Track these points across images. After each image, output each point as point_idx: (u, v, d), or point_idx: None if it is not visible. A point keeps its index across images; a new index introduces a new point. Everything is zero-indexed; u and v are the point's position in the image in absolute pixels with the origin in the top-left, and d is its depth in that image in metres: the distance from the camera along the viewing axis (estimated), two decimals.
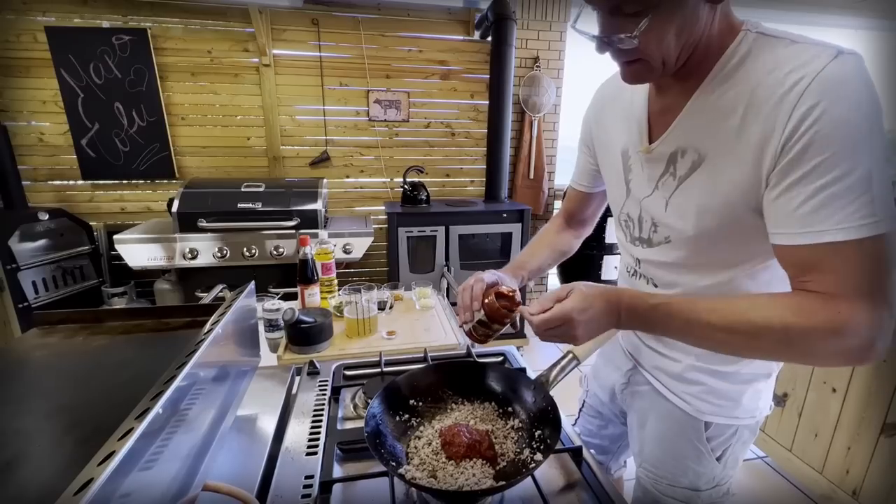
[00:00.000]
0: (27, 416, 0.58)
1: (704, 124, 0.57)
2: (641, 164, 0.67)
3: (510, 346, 1.09)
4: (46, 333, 0.81)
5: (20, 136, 2.48)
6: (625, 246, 0.76)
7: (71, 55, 2.40)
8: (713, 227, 0.59)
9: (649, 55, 0.54)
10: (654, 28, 0.51)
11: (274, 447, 0.75)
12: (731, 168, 0.55)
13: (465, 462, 0.63)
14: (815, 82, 0.47)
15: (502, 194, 2.94)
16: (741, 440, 0.75)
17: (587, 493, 0.66)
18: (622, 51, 0.55)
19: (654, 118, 0.65)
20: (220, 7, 2.53)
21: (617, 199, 0.75)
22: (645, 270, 0.73)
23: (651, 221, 0.67)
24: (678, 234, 0.64)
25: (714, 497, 0.77)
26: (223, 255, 2.23)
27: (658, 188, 0.65)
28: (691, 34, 0.53)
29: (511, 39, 2.68)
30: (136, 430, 0.40)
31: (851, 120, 0.46)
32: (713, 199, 0.58)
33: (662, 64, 0.55)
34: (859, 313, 0.47)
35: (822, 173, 0.47)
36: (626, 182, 0.71)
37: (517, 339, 2.86)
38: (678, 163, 0.61)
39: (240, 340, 0.79)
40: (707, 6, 0.53)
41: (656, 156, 0.64)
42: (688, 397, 0.73)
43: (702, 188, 0.59)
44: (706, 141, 0.57)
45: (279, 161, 2.83)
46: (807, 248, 0.49)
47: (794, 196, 0.49)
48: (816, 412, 1.60)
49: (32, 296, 2.19)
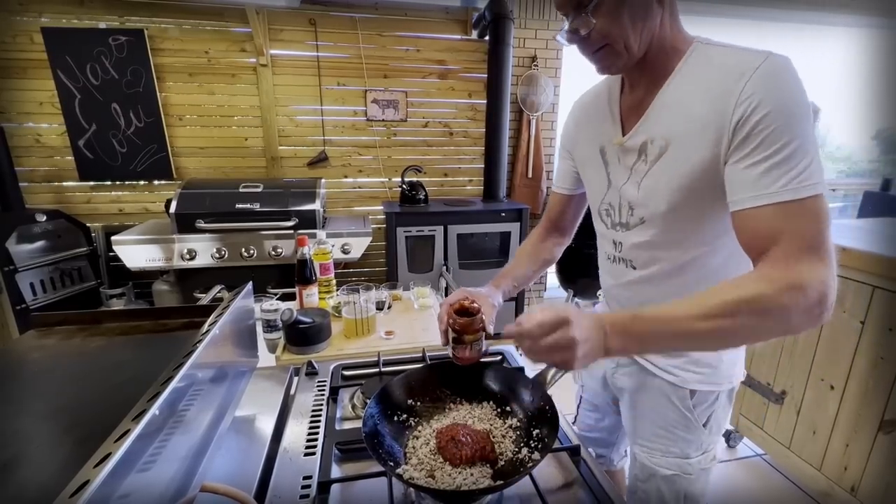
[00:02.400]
0: (25, 417, 0.58)
1: (669, 116, 0.67)
2: (618, 155, 0.76)
3: (509, 346, 1.09)
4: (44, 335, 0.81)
5: (17, 138, 2.47)
6: (605, 235, 0.84)
7: (68, 56, 2.40)
8: (681, 201, 0.68)
9: (610, 37, 0.64)
10: (606, 9, 0.62)
11: (272, 448, 0.75)
12: (693, 150, 0.64)
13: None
14: (755, 77, 0.58)
15: (501, 193, 2.94)
16: (721, 406, 0.83)
17: (585, 492, 0.67)
18: (589, 39, 0.65)
19: (625, 115, 0.76)
20: (217, 7, 2.52)
21: (598, 193, 0.83)
22: (624, 254, 0.80)
23: (628, 205, 0.76)
24: (651, 212, 0.72)
25: (704, 463, 0.84)
26: (221, 255, 2.23)
27: (632, 174, 0.74)
28: (644, 21, 0.64)
29: (509, 39, 2.68)
30: (133, 431, 0.40)
31: (784, 104, 0.57)
32: (679, 178, 0.66)
33: (625, 48, 0.64)
34: (814, 269, 0.55)
35: (766, 147, 0.57)
36: (607, 174, 0.79)
37: None
38: (648, 150, 0.70)
39: (238, 341, 0.79)
40: (655, 1, 0.63)
41: (629, 146, 0.73)
42: (673, 369, 0.80)
43: (669, 169, 0.68)
44: (671, 129, 0.67)
45: (277, 161, 2.83)
46: (759, 211, 0.58)
47: (747, 168, 0.59)
48: (814, 410, 1.60)
49: (30, 297, 2.19)
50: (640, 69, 0.69)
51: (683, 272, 0.73)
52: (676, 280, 0.74)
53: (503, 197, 2.97)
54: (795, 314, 0.54)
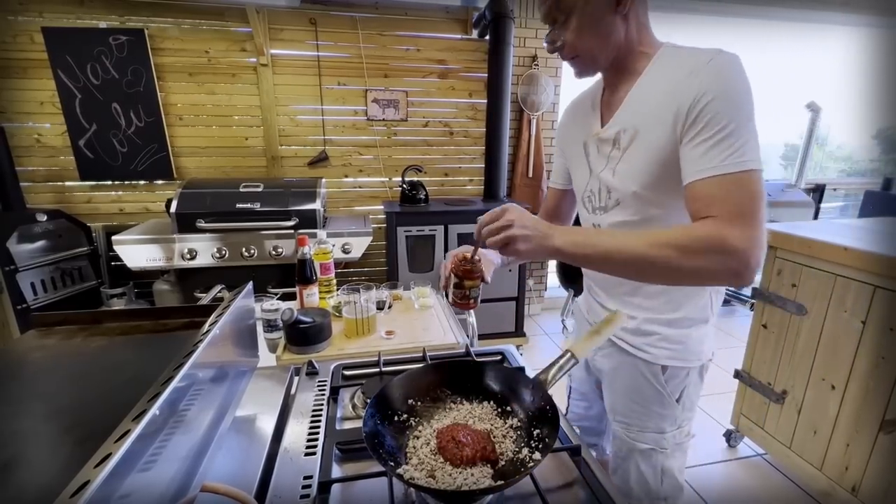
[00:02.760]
0: (25, 417, 0.58)
1: (637, 109, 0.77)
2: (597, 146, 0.86)
3: (509, 346, 1.09)
4: (45, 335, 0.81)
5: (18, 138, 2.48)
6: (586, 220, 0.92)
7: (68, 56, 2.40)
8: (648, 181, 0.76)
9: (578, 50, 0.76)
10: (573, 27, 0.74)
11: (272, 447, 0.75)
12: (656, 136, 0.73)
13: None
14: (704, 70, 0.67)
15: (501, 193, 2.94)
16: (693, 383, 0.90)
17: (585, 492, 0.67)
18: (563, 51, 0.78)
19: (604, 112, 0.86)
20: (217, 7, 2.52)
21: (582, 181, 0.91)
22: None
23: (606, 189, 0.84)
24: (624, 193, 0.80)
25: (678, 438, 0.92)
26: (222, 255, 2.23)
27: (608, 161, 0.83)
28: (609, 36, 0.75)
29: (509, 38, 2.67)
30: (133, 431, 0.40)
31: (727, 92, 0.65)
32: (646, 161, 0.76)
33: (592, 59, 0.77)
34: (735, 230, 0.62)
35: (710, 128, 0.66)
36: (588, 163, 0.88)
37: (516, 339, 2.86)
38: (621, 139, 0.79)
39: (238, 341, 0.79)
40: (618, 18, 0.74)
41: (605, 137, 0.82)
42: (646, 347, 0.88)
43: (637, 154, 0.77)
44: (639, 120, 0.76)
45: (277, 161, 2.83)
46: (702, 183, 0.66)
47: (695, 147, 0.67)
48: (815, 409, 1.60)
49: (31, 297, 2.19)
50: (615, 72, 0.80)
51: None
52: None
53: (504, 196, 2.97)
54: (712, 267, 0.63)
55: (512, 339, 2.84)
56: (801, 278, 1.64)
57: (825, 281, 1.55)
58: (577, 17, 0.73)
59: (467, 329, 1.39)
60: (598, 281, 0.96)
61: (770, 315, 1.77)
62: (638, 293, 0.88)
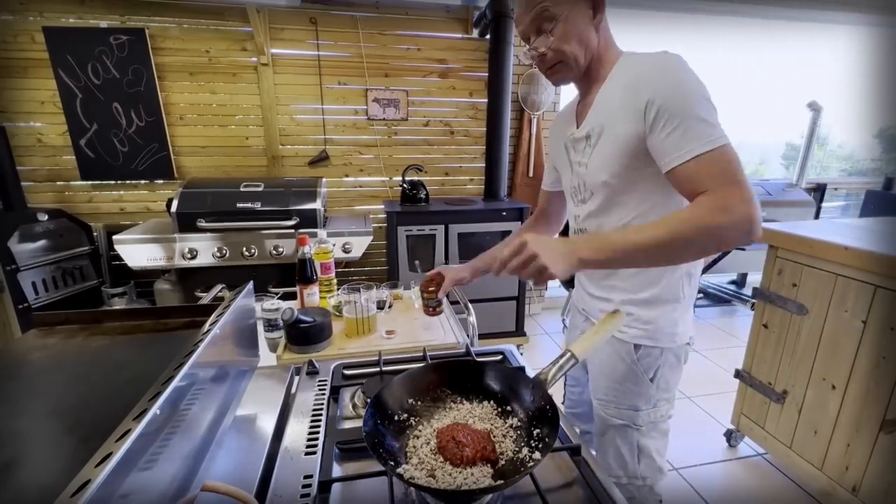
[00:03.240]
0: (26, 416, 0.58)
1: (603, 110, 0.86)
2: (574, 145, 0.95)
3: (510, 345, 1.09)
4: (46, 334, 0.82)
5: (19, 137, 2.48)
6: (572, 212, 1.02)
7: (69, 55, 2.40)
8: (616, 170, 0.85)
9: (564, 54, 0.84)
10: (559, 34, 0.83)
11: (273, 447, 0.75)
12: (619, 130, 0.82)
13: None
14: (651, 72, 0.78)
15: (502, 192, 2.94)
16: (668, 363, 0.95)
17: (585, 491, 0.67)
18: (546, 57, 0.86)
19: (579, 117, 0.95)
20: (217, 6, 2.52)
21: (567, 180, 1.01)
22: (582, 224, 0.98)
23: (583, 182, 0.93)
24: (596, 183, 0.90)
25: (653, 416, 0.97)
26: (222, 254, 2.23)
27: (583, 156, 0.92)
28: (588, 43, 0.85)
29: (509, 37, 2.67)
30: (134, 431, 0.40)
31: (676, 87, 0.75)
32: (612, 153, 0.85)
33: (575, 63, 0.85)
34: (734, 193, 0.70)
35: (672, 121, 0.74)
36: (570, 162, 0.97)
37: (516, 338, 2.86)
38: (591, 136, 0.89)
39: (239, 340, 0.79)
40: (592, 27, 0.84)
41: (579, 137, 0.92)
42: (622, 328, 0.93)
43: (605, 147, 0.86)
44: (605, 118, 0.86)
45: (278, 160, 2.83)
46: (685, 166, 0.74)
47: (666, 138, 0.75)
48: (816, 409, 1.60)
49: (32, 296, 2.19)
50: (585, 79, 0.90)
51: None
52: None
53: (504, 196, 2.96)
54: (728, 230, 0.69)
55: (512, 338, 2.84)
56: (801, 278, 1.64)
57: (826, 281, 1.54)
58: (563, 25, 0.82)
59: (468, 329, 1.40)
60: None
61: (771, 315, 1.77)
62: (614, 276, 0.96)
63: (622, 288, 0.95)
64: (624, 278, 0.94)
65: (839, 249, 1.48)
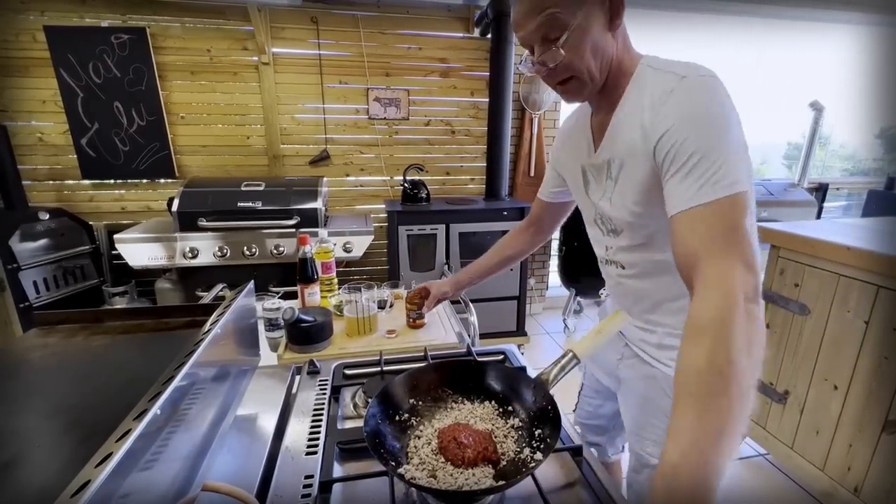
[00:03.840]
0: (27, 415, 0.58)
1: (620, 137, 0.73)
2: (593, 173, 0.83)
3: (511, 345, 1.09)
4: (47, 333, 0.82)
5: (20, 136, 2.48)
6: (598, 240, 0.91)
7: (70, 54, 2.40)
8: (640, 212, 0.74)
9: (576, 69, 0.70)
10: (572, 44, 0.67)
11: (274, 447, 0.75)
12: (639, 166, 0.71)
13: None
14: (668, 101, 0.64)
15: (503, 192, 2.93)
16: None
17: (587, 492, 0.66)
18: (556, 71, 0.71)
19: (595, 135, 0.81)
20: (218, 6, 2.52)
21: (585, 207, 0.90)
22: (612, 256, 0.87)
23: (608, 217, 0.82)
24: (621, 222, 0.79)
25: None
26: (223, 254, 2.23)
27: (605, 191, 0.81)
28: (604, 53, 0.70)
29: (511, 36, 2.66)
30: (134, 431, 0.40)
31: (692, 120, 0.62)
32: (633, 193, 0.74)
33: (590, 78, 0.71)
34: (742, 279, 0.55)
35: (678, 160, 0.62)
36: (587, 192, 0.86)
37: (517, 338, 2.86)
38: (611, 168, 0.77)
39: (240, 340, 0.79)
40: (609, 34, 0.70)
41: (598, 164, 0.80)
42: (667, 360, 0.84)
43: (627, 184, 0.75)
44: (623, 150, 0.73)
45: (279, 160, 2.83)
46: (682, 216, 0.62)
47: (670, 180, 0.64)
48: (818, 409, 1.59)
49: (33, 295, 2.20)
50: (600, 93, 0.75)
51: (668, 272, 0.76)
52: (662, 277, 0.80)
53: (505, 195, 2.96)
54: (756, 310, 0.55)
55: (513, 338, 2.84)
56: (803, 278, 1.63)
57: (828, 281, 1.54)
58: (575, 35, 0.67)
59: (469, 328, 1.39)
60: (616, 297, 0.94)
61: (772, 315, 1.76)
62: (657, 310, 0.84)
63: (667, 323, 0.84)
64: (667, 312, 0.82)
65: (841, 249, 1.48)
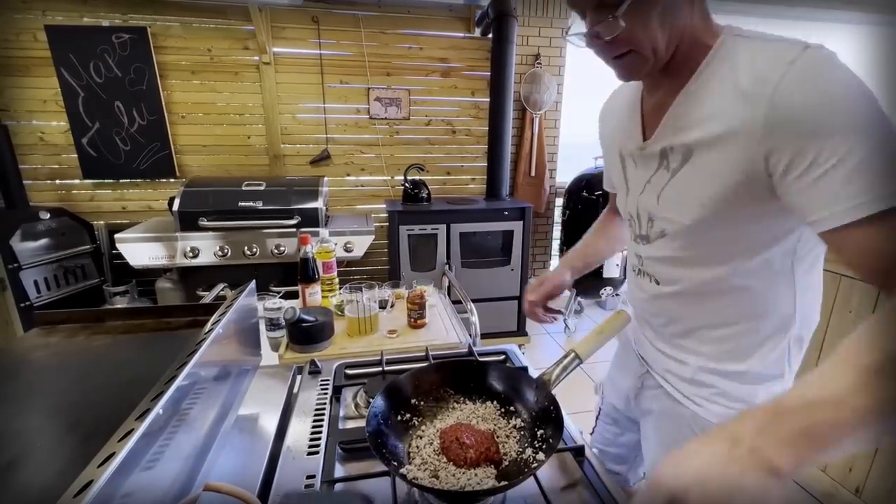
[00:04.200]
0: (28, 415, 0.58)
1: (692, 120, 0.60)
2: (636, 162, 0.71)
3: (512, 345, 1.09)
4: (48, 333, 0.81)
5: (21, 136, 2.48)
6: (630, 245, 0.79)
7: (71, 54, 2.40)
8: (710, 216, 0.60)
9: (637, 43, 0.57)
10: (636, 11, 0.55)
11: (275, 446, 0.75)
12: (723, 160, 0.57)
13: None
14: (789, 76, 0.50)
15: (503, 192, 2.93)
16: None
17: (589, 493, 0.66)
18: (612, 44, 0.58)
19: (647, 119, 0.69)
20: (219, 5, 2.52)
21: (621, 199, 0.78)
22: (647, 267, 0.75)
23: (648, 216, 0.70)
24: (673, 225, 0.66)
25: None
26: (224, 253, 2.23)
27: (650, 183, 0.68)
28: (674, 23, 0.57)
29: (512, 36, 2.67)
30: (137, 431, 0.40)
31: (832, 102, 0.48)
32: (707, 190, 0.59)
33: (653, 53, 0.58)
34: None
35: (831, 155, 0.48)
36: (626, 181, 0.75)
37: (518, 338, 2.86)
38: (670, 157, 0.63)
39: (241, 340, 0.79)
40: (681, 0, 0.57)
41: (649, 153, 0.67)
42: (700, 400, 0.72)
43: (694, 179, 0.61)
44: (695, 136, 0.59)
45: (280, 159, 2.83)
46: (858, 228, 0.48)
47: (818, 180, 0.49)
48: None
49: (34, 295, 2.20)
50: (663, 71, 0.62)
51: (718, 294, 0.66)
52: (709, 301, 0.67)
53: (506, 195, 2.96)
54: None
55: (514, 338, 2.84)
56: None
57: (829, 281, 1.53)
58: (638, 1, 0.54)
59: (470, 328, 1.39)
60: (643, 315, 0.80)
61: None
62: (691, 335, 0.72)
63: (703, 353, 0.71)
64: (704, 340, 0.70)
65: None
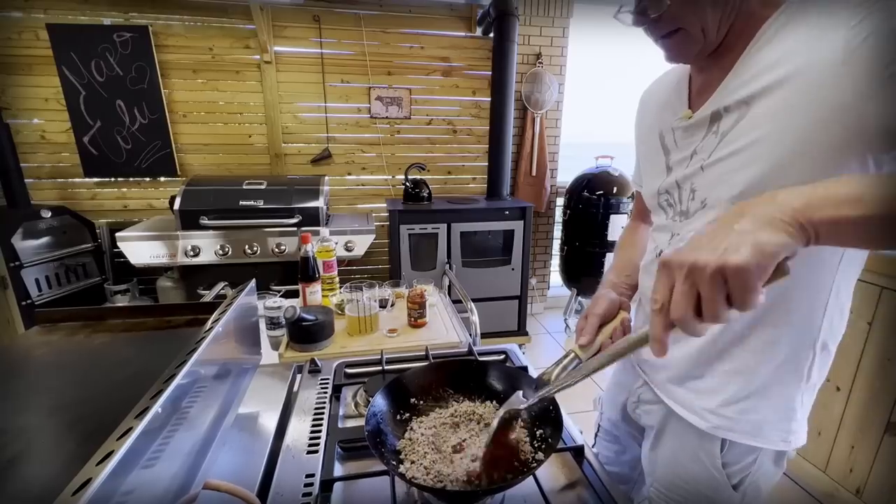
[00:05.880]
0: (29, 413, 0.58)
1: (749, 80, 0.54)
2: (677, 138, 0.67)
3: (512, 345, 1.09)
4: (48, 331, 0.82)
5: (23, 134, 2.48)
6: (662, 227, 0.71)
7: (73, 52, 2.40)
8: (767, 174, 0.52)
9: (686, 20, 0.55)
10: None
11: (275, 445, 0.75)
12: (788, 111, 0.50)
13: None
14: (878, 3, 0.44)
15: (504, 191, 2.93)
16: (763, 472, 0.66)
17: (588, 492, 0.66)
18: (659, 22, 0.56)
19: (694, 97, 0.66)
20: (221, 4, 2.52)
21: (655, 182, 0.72)
22: (676, 245, 0.67)
23: (689, 188, 0.64)
24: (717, 194, 0.59)
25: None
26: (225, 252, 2.23)
27: (696, 153, 0.63)
28: (727, 3, 0.54)
29: (513, 36, 2.66)
30: (136, 429, 0.40)
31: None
32: (762, 151, 0.53)
33: (703, 32, 0.55)
34: None
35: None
36: (666, 159, 0.70)
37: (518, 337, 2.86)
38: (722, 120, 0.58)
39: (241, 338, 0.79)
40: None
41: (697, 122, 0.62)
42: (704, 413, 0.66)
43: (750, 132, 0.54)
44: (758, 85, 0.53)
45: (281, 158, 2.83)
46: None
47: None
48: (820, 411, 1.59)
49: (35, 293, 2.20)
50: (713, 54, 0.58)
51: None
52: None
53: (507, 195, 2.96)
54: None
55: (514, 338, 2.84)
56: None
57: None
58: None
59: (470, 328, 1.39)
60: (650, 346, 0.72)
61: None
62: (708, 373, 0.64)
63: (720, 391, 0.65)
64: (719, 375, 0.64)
65: None
